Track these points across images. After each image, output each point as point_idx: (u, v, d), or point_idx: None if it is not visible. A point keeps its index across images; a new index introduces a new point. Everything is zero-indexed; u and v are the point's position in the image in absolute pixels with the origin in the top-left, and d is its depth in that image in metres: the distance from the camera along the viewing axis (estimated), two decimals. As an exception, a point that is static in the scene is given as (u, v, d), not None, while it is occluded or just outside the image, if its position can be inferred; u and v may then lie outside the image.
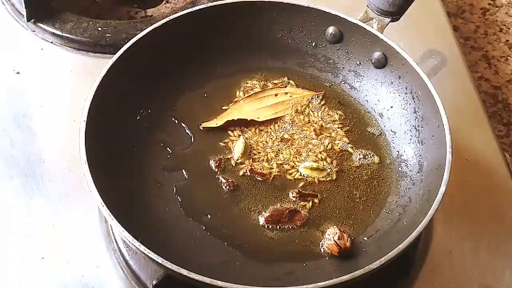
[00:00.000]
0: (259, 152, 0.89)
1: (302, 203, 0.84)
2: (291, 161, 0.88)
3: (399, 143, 0.90)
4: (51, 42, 1.05)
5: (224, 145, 0.90)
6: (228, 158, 0.88)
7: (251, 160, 0.88)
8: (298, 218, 0.83)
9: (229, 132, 0.91)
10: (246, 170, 0.87)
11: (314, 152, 0.89)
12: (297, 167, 0.88)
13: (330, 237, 0.79)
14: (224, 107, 0.94)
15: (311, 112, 0.94)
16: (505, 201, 0.91)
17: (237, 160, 0.88)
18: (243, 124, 0.92)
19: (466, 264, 0.85)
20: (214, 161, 0.88)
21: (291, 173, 0.87)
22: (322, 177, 0.87)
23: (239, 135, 0.91)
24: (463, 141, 0.94)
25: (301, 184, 0.86)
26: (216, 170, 0.87)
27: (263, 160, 0.88)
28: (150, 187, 0.85)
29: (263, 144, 0.90)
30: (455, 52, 1.08)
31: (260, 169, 0.87)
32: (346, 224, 0.83)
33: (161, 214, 0.83)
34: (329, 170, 0.88)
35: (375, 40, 0.92)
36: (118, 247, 0.83)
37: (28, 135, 0.94)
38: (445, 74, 1.04)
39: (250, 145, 0.90)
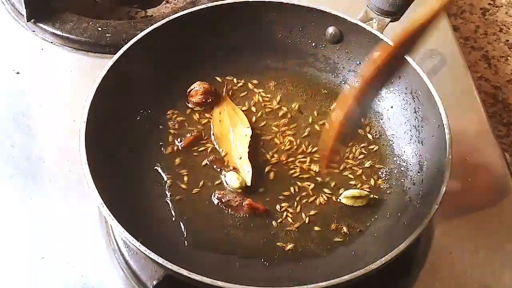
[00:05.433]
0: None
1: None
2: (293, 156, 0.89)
3: (399, 143, 0.90)
4: (51, 42, 1.05)
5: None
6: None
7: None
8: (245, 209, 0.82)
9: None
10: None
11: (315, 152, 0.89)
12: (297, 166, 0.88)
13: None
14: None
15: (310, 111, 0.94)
16: (505, 201, 0.91)
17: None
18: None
19: (466, 264, 0.85)
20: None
21: (293, 168, 0.88)
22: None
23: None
24: (463, 141, 0.94)
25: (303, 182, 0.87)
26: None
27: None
28: (150, 187, 0.85)
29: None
30: (455, 52, 1.08)
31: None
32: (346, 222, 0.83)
33: (161, 214, 0.83)
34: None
35: (375, 40, 0.92)
36: (118, 247, 0.83)
37: (28, 135, 0.94)
38: (445, 74, 1.04)
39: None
